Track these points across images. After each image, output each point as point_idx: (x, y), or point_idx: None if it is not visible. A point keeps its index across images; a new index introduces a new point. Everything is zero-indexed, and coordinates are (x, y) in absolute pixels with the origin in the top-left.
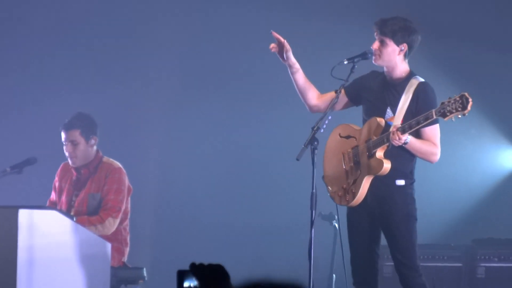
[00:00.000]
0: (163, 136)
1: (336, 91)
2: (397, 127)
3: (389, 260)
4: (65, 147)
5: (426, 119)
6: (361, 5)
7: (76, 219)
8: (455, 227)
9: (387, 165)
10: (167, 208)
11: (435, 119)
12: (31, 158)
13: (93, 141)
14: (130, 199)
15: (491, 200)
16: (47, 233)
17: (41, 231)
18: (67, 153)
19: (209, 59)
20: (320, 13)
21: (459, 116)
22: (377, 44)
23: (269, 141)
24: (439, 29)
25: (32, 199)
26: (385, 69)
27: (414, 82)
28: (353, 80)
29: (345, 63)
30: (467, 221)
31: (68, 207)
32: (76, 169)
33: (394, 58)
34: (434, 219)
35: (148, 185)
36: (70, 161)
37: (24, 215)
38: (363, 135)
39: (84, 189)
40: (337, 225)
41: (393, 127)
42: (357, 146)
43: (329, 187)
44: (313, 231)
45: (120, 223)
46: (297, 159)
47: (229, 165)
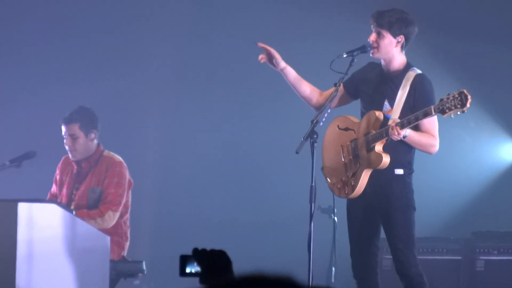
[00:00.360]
0: (163, 130)
1: (335, 85)
2: (396, 122)
3: (388, 253)
4: (65, 140)
5: (425, 115)
6: None
7: (75, 213)
8: (455, 220)
9: (386, 159)
10: (167, 202)
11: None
12: (30, 151)
13: (93, 135)
14: (130, 193)
15: (491, 193)
16: (46, 227)
17: (40, 224)
18: (67, 147)
19: (209, 53)
20: (318, 6)
21: (458, 113)
22: (374, 36)
23: (268, 134)
24: (437, 23)
25: (31, 192)
26: (383, 61)
27: (411, 74)
28: (351, 74)
29: (344, 56)
30: (466, 214)
31: (68, 200)
32: (76, 162)
33: (391, 50)
34: (433, 212)
35: (148, 179)
36: (70, 155)
37: (23, 208)
38: (362, 128)
39: (84, 183)
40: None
41: (392, 121)
42: (356, 139)
43: (328, 179)
44: (312, 224)
45: (120, 217)
46: (297, 152)
47: (229, 158)
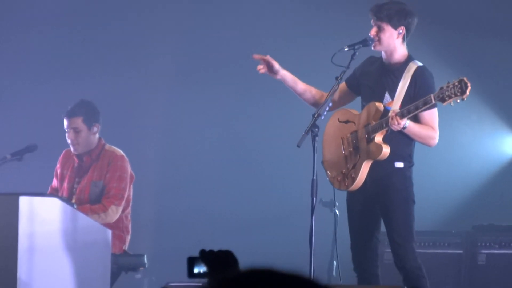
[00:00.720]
0: (165, 124)
1: (336, 78)
2: (396, 112)
3: (389, 246)
4: (67, 134)
5: (425, 104)
6: None
7: (78, 208)
8: (456, 214)
9: (386, 150)
10: (168, 196)
11: (434, 104)
12: (32, 145)
13: (95, 129)
14: (132, 187)
15: (492, 186)
16: (47, 220)
17: (42, 218)
18: (69, 140)
19: (211, 49)
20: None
21: (458, 100)
22: (374, 30)
23: (269, 128)
24: (438, 15)
25: (32, 186)
26: (384, 54)
27: (412, 66)
28: (352, 71)
29: (346, 50)
30: (467, 207)
31: (69, 194)
32: (78, 156)
33: (393, 42)
34: (434, 205)
35: (149, 173)
36: (72, 148)
37: (24, 202)
38: (362, 120)
39: (86, 177)
40: (337, 212)
41: (392, 112)
42: (356, 131)
43: (328, 172)
44: (313, 218)
45: (122, 211)
46: (298, 146)
47: (230, 152)
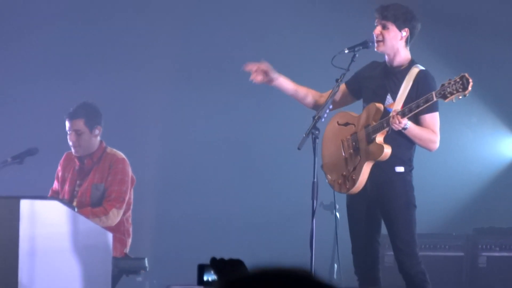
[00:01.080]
0: (165, 127)
1: (337, 80)
2: (397, 111)
3: (390, 249)
4: (69, 136)
5: (426, 102)
6: None
7: (79, 211)
8: (456, 217)
9: (388, 150)
10: (169, 199)
11: (435, 105)
12: (32, 148)
13: (97, 131)
14: (132, 190)
15: (493, 189)
16: (48, 223)
17: (43, 221)
18: (71, 143)
19: (212, 49)
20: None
21: (460, 97)
22: (379, 29)
23: (270, 131)
24: (439, 17)
25: (33, 189)
26: (386, 57)
27: (414, 70)
28: (354, 74)
29: (346, 52)
30: (468, 210)
31: (70, 196)
32: (79, 158)
33: (396, 43)
34: (435, 208)
35: (150, 176)
36: (73, 150)
37: (25, 205)
38: (361, 121)
39: (87, 179)
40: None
41: (393, 111)
42: (356, 132)
43: (328, 176)
44: (314, 220)
45: (123, 214)
46: (299, 148)
47: (231, 155)
